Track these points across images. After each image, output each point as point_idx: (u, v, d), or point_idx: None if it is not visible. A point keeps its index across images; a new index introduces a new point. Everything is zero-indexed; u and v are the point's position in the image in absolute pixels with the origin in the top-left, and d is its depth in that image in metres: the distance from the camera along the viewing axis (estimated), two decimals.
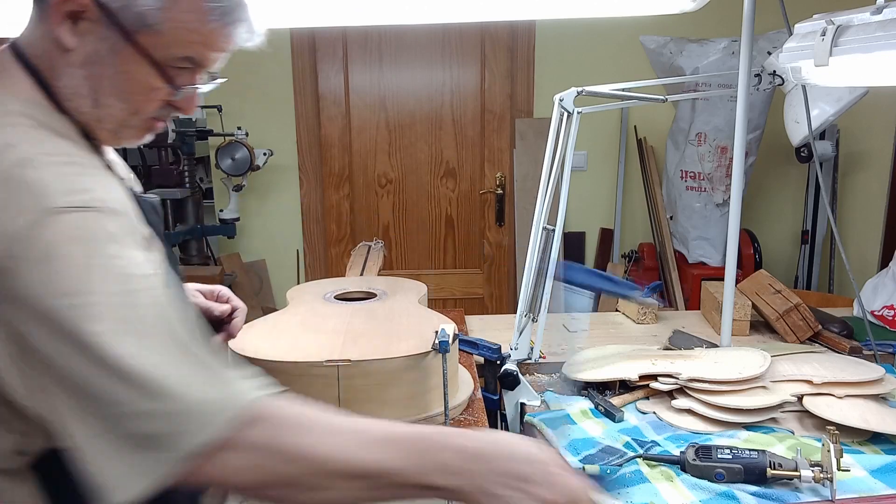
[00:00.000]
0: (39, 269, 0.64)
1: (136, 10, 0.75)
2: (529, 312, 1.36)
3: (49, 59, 0.78)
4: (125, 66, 0.77)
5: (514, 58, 3.21)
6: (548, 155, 1.36)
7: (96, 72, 0.77)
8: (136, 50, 0.77)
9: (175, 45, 0.78)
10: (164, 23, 0.76)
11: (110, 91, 0.78)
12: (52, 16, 0.75)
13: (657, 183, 3.10)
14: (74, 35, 0.76)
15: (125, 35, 0.76)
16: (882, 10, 0.98)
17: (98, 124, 0.80)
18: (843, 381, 1.25)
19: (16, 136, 0.71)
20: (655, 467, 1.08)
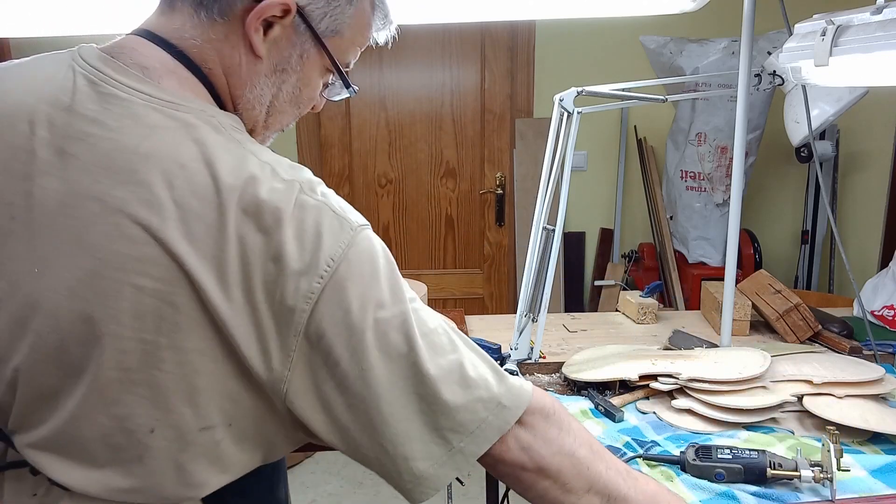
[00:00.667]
0: (365, 284, 0.66)
1: (334, 15, 0.75)
2: (529, 312, 1.36)
3: (230, 67, 0.73)
4: (309, 71, 0.77)
5: (514, 58, 3.21)
6: (548, 155, 1.36)
7: (282, 79, 0.76)
8: (322, 55, 0.76)
9: (349, 50, 0.80)
10: (350, 29, 0.77)
11: (289, 97, 0.78)
12: (247, 22, 0.70)
13: (657, 183, 3.10)
14: (264, 43, 0.72)
15: (317, 41, 0.75)
16: (882, 10, 0.98)
17: (261, 131, 0.80)
18: (843, 381, 1.25)
19: (270, 155, 0.69)
20: (655, 467, 1.08)
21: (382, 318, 0.66)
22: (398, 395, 0.67)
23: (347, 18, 0.76)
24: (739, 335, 1.67)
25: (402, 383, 0.67)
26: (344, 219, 0.67)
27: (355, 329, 0.65)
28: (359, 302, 0.65)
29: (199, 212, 0.62)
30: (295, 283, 0.63)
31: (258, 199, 0.63)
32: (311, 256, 0.64)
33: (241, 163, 0.65)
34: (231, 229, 0.62)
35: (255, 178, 0.64)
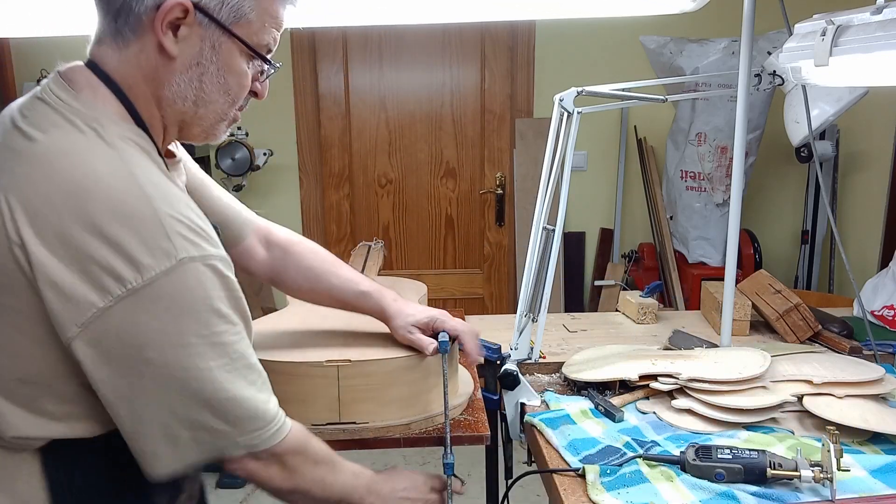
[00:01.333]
0: (162, 313, 0.73)
1: (231, 4, 0.81)
2: (529, 312, 1.36)
3: (147, 74, 0.82)
4: (226, 59, 0.84)
5: (514, 58, 3.21)
6: (548, 155, 1.36)
7: (199, 72, 0.83)
8: (234, 41, 0.83)
9: (261, 32, 0.85)
10: (253, 11, 0.83)
11: (213, 87, 0.85)
12: (153, 30, 0.79)
13: (657, 183, 3.10)
14: (177, 42, 0.81)
15: (224, 30, 0.82)
16: (882, 10, 0.98)
17: (197, 123, 0.88)
18: (843, 381, 1.25)
19: (133, 164, 0.76)
20: (655, 467, 1.08)
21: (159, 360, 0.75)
22: (152, 405, 0.77)
23: (247, 2, 0.82)
24: (739, 335, 1.67)
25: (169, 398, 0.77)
26: (175, 245, 0.74)
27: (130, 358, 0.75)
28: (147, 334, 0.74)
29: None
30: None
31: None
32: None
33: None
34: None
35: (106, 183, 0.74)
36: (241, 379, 0.80)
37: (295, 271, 1.19)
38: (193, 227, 0.77)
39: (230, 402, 0.79)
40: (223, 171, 2.95)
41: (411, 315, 1.16)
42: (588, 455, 1.13)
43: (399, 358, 1.13)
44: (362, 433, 1.12)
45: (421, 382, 1.15)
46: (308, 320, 1.31)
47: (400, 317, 1.16)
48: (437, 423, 1.17)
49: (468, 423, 1.19)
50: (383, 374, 1.12)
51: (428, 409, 1.17)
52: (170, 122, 0.87)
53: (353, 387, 1.11)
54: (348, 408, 1.12)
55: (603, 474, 1.06)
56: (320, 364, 1.10)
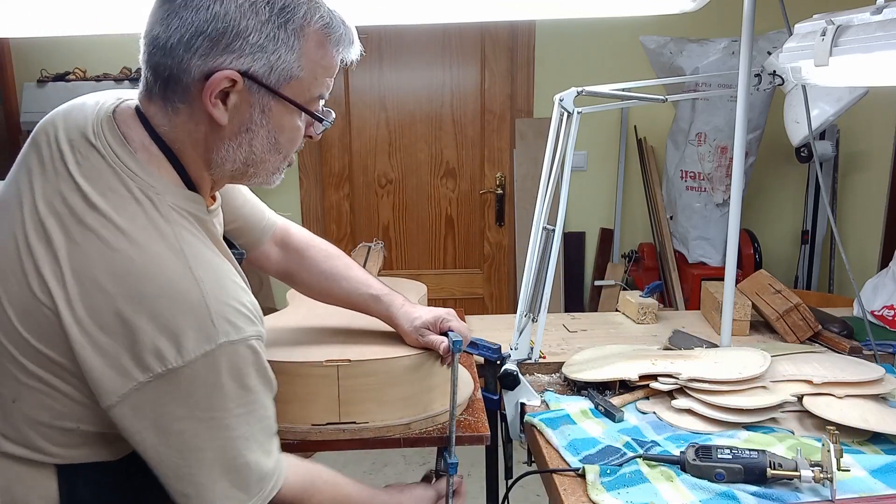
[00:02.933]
0: (197, 390, 0.77)
1: (280, 68, 0.81)
2: (529, 312, 1.36)
3: (196, 140, 0.84)
4: (276, 120, 0.85)
5: (514, 58, 3.21)
6: (548, 155, 1.36)
7: (249, 137, 0.84)
8: (284, 103, 0.84)
9: (312, 85, 0.86)
10: (302, 70, 0.83)
11: (264, 148, 0.86)
12: (203, 101, 0.80)
13: (657, 183, 3.10)
14: (226, 112, 0.81)
15: (273, 94, 0.82)
16: (882, 10, 0.98)
17: (249, 179, 0.90)
18: (843, 381, 1.25)
19: (188, 248, 0.79)
20: (655, 467, 1.08)
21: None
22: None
23: (295, 62, 0.82)
24: (739, 335, 1.67)
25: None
26: (218, 330, 0.77)
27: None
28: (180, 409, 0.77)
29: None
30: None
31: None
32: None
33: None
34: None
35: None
36: (258, 447, 0.83)
37: (308, 274, 1.22)
38: (238, 308, 0.79)
39: (246, 469, 0.82)
40: None
41: (418, 317, 1.16)
42: (588, 455, 1.13)
43: (399, 358, 1.13)
44: (362, 433, 1.12)
45: (421, 382, 1.15)
46: (308, 320, 1.31)
47: (407, 320, 1.17)
48: (438, 422, 1.17)
49: (468, 423, 1.19)
50: (383, 374, 1.12)
51: (428, 409, 1.16)
52: (219, 179, 0.89)
53: (353, 387, 1.11)
54: (348, 408, 1.12)
55: (603, 474, 1.06)
56: (320, 364, 1.10)
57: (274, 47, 0.80)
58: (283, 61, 0.81)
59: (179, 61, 0.79)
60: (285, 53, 0.81)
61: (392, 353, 1.13)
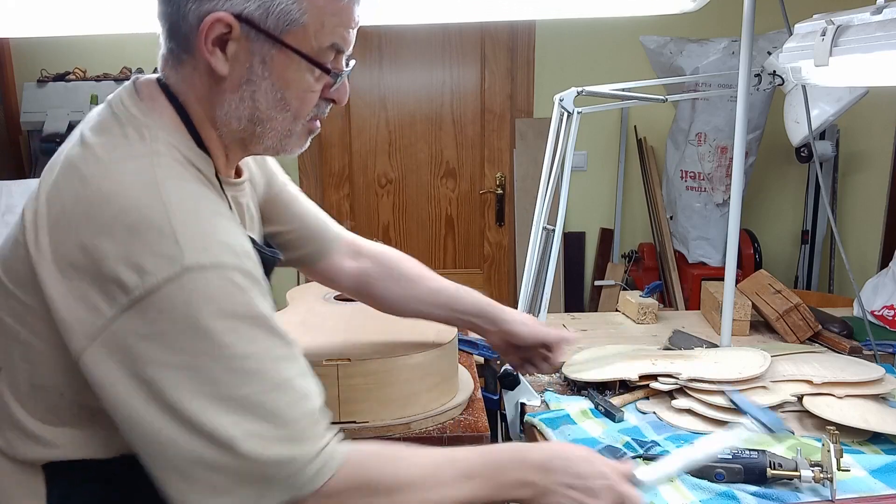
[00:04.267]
0: (165, 325, 0.67)
1: (276, 11, 0.75)
2: (529, 312, 1.36)
3: (200, 94, 0.79)
4: (280, 72, 0.78)
5: (514, 58, 3.21)
6: (548, 155, 1.36)
7: (251, 90, 0.78)
8: (287, 52, 0.76)
9: (320, 33, 0.78)
10: (305, 14, 0.76)
11: (270, 104, 0.79)
12: (200, 48, 0.75)
13: (657, 183, 3.10)
14: (226, 61, 0.76)
15: (273, 40, 0.76)
16: (882, 10, 0.98)
17: (258, 141, 0.82)
18: (843, 381, 1.25)
19: (162, 174, 0.72)
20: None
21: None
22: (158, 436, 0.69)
23: (294, 4, 0.75)
24: (739, 335, 1.67)
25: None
26: (183, 251, 0.67)
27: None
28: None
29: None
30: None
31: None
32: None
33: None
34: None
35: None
36: (258, 406, 0.69)
37: (390, 278, 1.16)
38: (217, 237, 0.71)
39: (229, 446, 0.68)
40: None
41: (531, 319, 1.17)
42: None
43: (399, 357, 1.13)
44: (362, 433, 1.12)
45: (421, 382, 1.16)
46: (308, 320, 1.31)
47: (513, 312, 1.16)
48: (438, 422, 1.17)
49: (468, 423, 1.19)
50: (383, 374, 1.12)
51: (428, 409, 1.17)
52: (229, 142, 0.82)
53: (352, 386, 1.11)
54: (348, 407, 1.12)
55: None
56: (320, 363, 1.10)
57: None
58: (281, 3, 0.74)
59: (178, 7, 0.75)
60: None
61: (392, 353, 1.13)
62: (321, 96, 0.83)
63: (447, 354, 1.20)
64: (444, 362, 1.20)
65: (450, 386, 1.23)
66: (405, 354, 1.13)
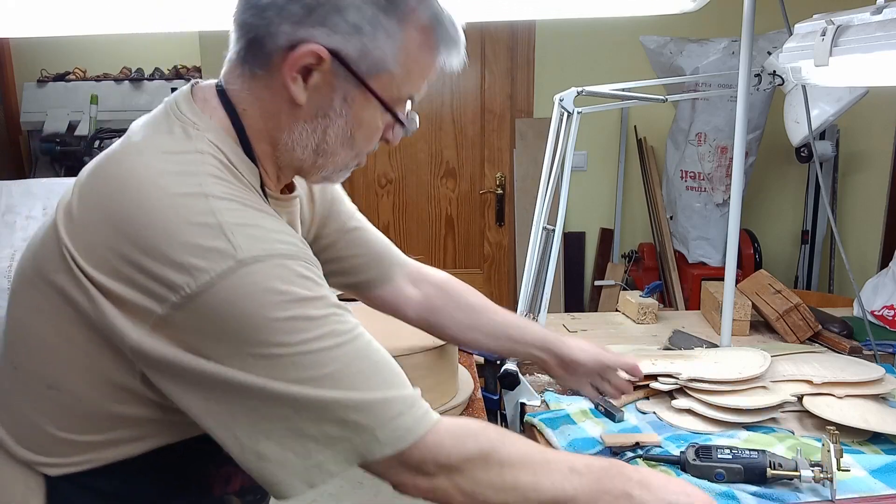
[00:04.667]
0: (229, 320, 0.65)
1: (373, 56, 0.73)
2: (529, 312, 1.36)
3: (268, 112, 0.76)
4: (356, 112, 0.77)
5: (514, 58, 3.21)
6: (548, 155, 1.36)
7: (325, 123, 0.76)
8: (368, 94, 0.75)
9: (404, 83, 0.77)
10: (398, 63, 0.75)
11: (338, 140, 0.78)
12: (282, 72, 0.73)
13: (657, 183, 3.10)
14: (306, 90, 0.74)
15: (358, 83, 0.74)
16: (882, 10, 0.98)
17: (315, 172, 0.82)
18: (843, 381, 1.25)
19: (206, 170, 0.71)
20: (655, 467, 1.08)
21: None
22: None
23: (391, 52, 0.74)
24: (739, 335, 1.67)
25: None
26: (234, 244, 0.66)
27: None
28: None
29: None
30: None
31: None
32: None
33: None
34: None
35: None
36: (348, 378, 0.71)
37: (454, 307, 1.14)
38: (264, 229, 0.69)
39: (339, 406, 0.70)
40: None
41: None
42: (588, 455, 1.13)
43: (399, 357, 1.12)
44: None
45: (421, 381, 1.15)
46: None
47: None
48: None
49: None
50: None
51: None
52: (284, 165, 0.80)
53: None
54: None
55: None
56: None
57: (372, 31, 0.72)
58: (379, 49, 0.73)
59: (268, 24, 0.72)
60: (383, 41, 0.73)
61: (392, 353, 1.13)
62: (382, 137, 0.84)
63: (447, 354, 1.20)
64: (444, 362, 1.20)
65: (450, 386, 1.23)
66: (405, 354, 1.13)
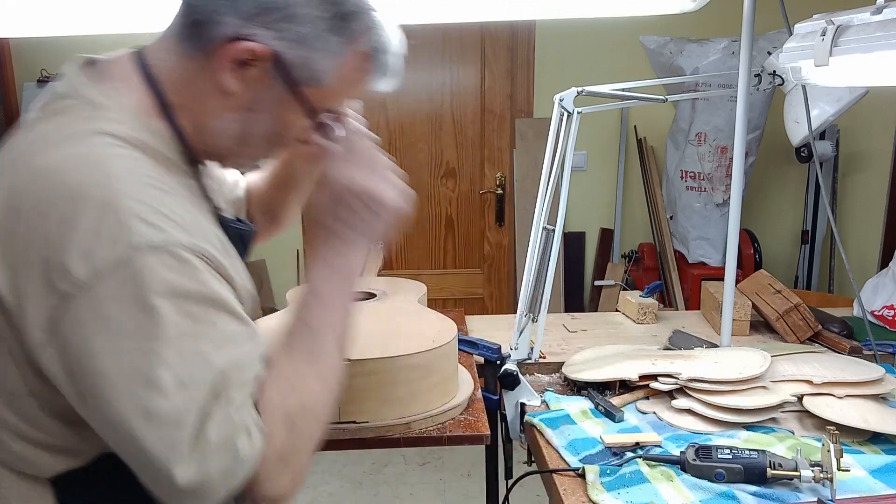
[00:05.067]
0: (114, 311, 0.64)
1: (313, 68, 0.76)
2: (529, 312, 1.36)
3: (197, 94, 0.76)
4: (284, 114, 0.79)
5: (514, 58, 3.21)
6: (548, 155, 1.36)
7: (253, 117, 0.78)
8: (299, 103, 0.78)
9: (334, 99, 0.81)
10: (335, 80, 0.78)
11: (261, 135, 0.80)
12: (217, 58, 0.74)
13: (657, 183, 3.10)
14: (239, 81, 0.75)
15: (292, 89, 0.76)
16: (882, 10, 0.98)
17: (231, 159, 0.84)
18: (843, 381, 1.25)
19: (108, 152, 0.69)
20: (655, 467, 1.08)
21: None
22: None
23: (330, 69, 0.77)
24: (739, 335, 1.67)
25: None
26: (129, 230, 0.64)
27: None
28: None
29: None
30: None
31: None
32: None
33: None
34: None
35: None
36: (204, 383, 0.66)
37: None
38: (164, 212, 0.68)
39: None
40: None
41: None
42: (588, 455, 1.13)
43: (399, 357, 1.13)
44: (362, 433, 1.12)
45: (421, 381, 1.16)
46: None
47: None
48: (438, 422, 1.17)
49: (468, 423, 1.19)
50: (383, 374, 1.12)
51: (428, 409, 1.17)
52: (202, 150, 0.81)
53: (352, 386, 1.11)
54: (348, 407, 1.12)
55: (603, 474, 1.06)
56: None
57: (319, 46, 0.75)
58: (319, 63, 0.76)
59: (217, 11, 0.72)
60: (325, 58, 0.76)
61: (392, 353, 1.13)
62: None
63: (447, 354, 1.21)
64: (444, 362, 1.20)
65: (450, 386, 1.23)
66: (405, 354, 1.13)
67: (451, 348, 1.22)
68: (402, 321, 1.30)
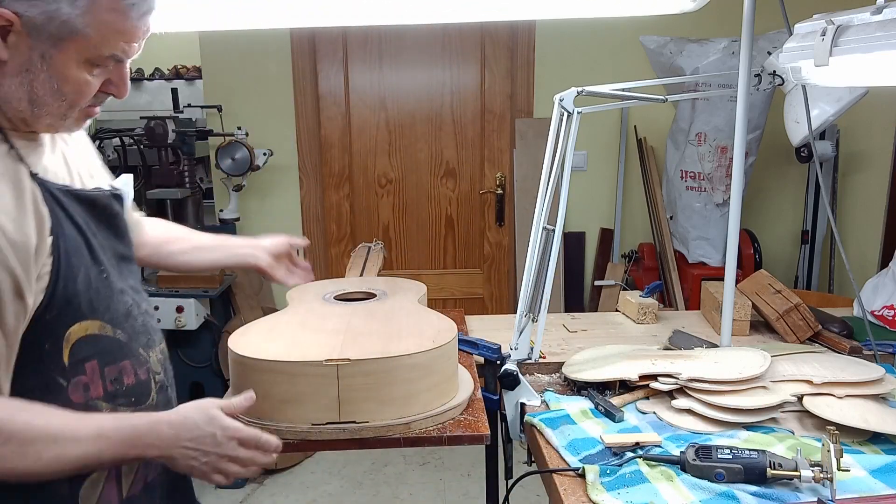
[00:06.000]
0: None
1: (59, 20, 0.82)
2: (529, 312, 1.36)
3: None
4: (57, 69, 0.85)
5: (514, 58, 3.21)
6: (548, 155, 1.36)
7: (30, 77, 0.85)
8: (65, 55, 0.84)
9: (102, 45, 0.86)
10: (88, 27, 0.84)
11: (45, 92, 0.86)
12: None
13: (657, 183, 3.10)
14: (6, 48, 0.82)
15: (53, 44, 0.83)
16: (882, 10, 0.98)
17: (37, 119, 0.89)
18: (843, 381, 1.25)
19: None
20: (655, 467, 1.08)
21: None
22: None
23: (78, 18, 0.82)
24: (739, 335, 1.67)
25: None
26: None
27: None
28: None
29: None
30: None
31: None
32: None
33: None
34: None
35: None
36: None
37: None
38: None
39: None
40: (223, 170, 2.94)
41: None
42: (588, 455, 1.13)
43: (399, 357, 1.13)
44: (362, 433, 1.12)
45: (421, 381, 1.15)
46: (308, 320, 1.31)
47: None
48: (438, 422, 1.17)
49: (468, 423, 1.19)
50: (383, 374, 1.12)
51: (428, 409, 1.17)
52: (11, 116, 0.88)
53: (352, 386, 1.11)
54: (348, 407, 1.12)
55: (603, 474, 1.06)
56: (320, 363, 1.10)
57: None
58: (64, 14, 0.81)
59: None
60: (66, 7, 0.81)
61: (392, 353, 1.13)
62: (100, 90, 0.91)
63: (447, 354, 1.21)
64: (444, 362, 1.20)
65: (450, 386, 1.23)
66: (405, 354, 1.13)
67: (451, 348, 1.22)
68: (402, 321, 1.30)
